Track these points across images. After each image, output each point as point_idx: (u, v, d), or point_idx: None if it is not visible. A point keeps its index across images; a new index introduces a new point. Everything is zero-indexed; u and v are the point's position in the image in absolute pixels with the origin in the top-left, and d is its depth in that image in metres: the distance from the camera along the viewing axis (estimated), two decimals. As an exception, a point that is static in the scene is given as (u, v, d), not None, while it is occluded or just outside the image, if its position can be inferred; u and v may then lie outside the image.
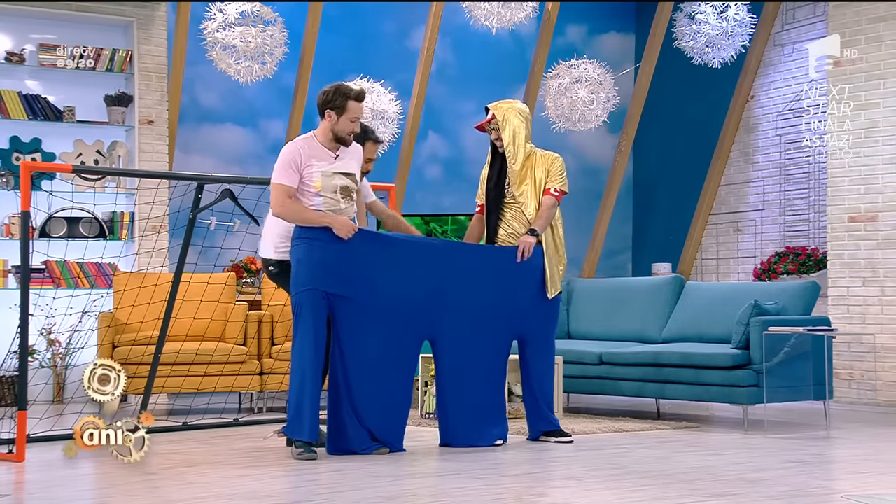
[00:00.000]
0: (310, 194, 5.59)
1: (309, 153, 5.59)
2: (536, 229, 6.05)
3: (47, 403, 8.11)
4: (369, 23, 10.45)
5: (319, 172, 5.58)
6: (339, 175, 5.64)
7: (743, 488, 4.64)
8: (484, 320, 5.94)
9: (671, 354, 7.29)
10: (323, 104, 5.63)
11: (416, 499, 4.36)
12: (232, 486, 4.67)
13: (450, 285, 5.85)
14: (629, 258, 11.74)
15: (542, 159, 6.20)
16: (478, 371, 5.96)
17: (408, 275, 5.73)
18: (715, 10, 9.36)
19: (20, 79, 8.84)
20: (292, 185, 5.58)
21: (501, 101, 6.26)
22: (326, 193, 5.60)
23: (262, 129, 10.02)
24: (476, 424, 5.93)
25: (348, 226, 5.56)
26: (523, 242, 6.02)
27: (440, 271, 5.83)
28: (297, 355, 5.53)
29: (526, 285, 6.06)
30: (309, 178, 5.58)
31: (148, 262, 8.75)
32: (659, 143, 11.48)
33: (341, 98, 5.60)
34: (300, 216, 5.56)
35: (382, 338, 5.68)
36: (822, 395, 7.17)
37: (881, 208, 8.64)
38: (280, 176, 5.58)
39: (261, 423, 7.13)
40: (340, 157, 5.67)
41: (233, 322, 8.03)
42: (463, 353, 5.91)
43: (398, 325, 5.73)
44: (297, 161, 5.57)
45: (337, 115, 5.60)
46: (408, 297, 5.73)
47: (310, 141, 5.66)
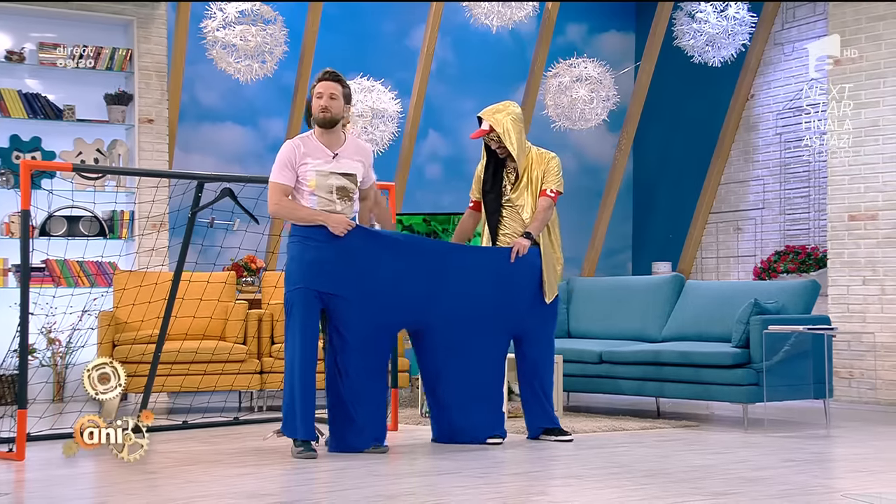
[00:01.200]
0: (305, 193, 5.59)
1: (305, 151, 5.59)
2: (531, 232, 6.04)
3: (47, 402, 8.11)
4: (369, 22, 10.45)
5: (314, 171, 5.58)
6: (335, 175, 5.62)
7: (743, 487, 4.64)
8: (479, 319, 5.93)
9: (671, 353, 7.29)
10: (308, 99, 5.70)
11: (416, 498, 4.36)
12: (232, 485, 4.67)
13: (444, 284, 5.84)
14: (629, 257, 11.73)
15: (539, 158, 6.18)
16: (471, 369, 5.95)
17: (403, 273, 5.73)
18: (715, 8, 9.36)
19: (20, 77, 8.84)
20: (288, 183, 5.58)
21: (492, 107, 6.17)
22: (321, 193, 5.59)
23: (262, 128, 10.01)
24: (468, 422, 5.92)
25: (343, 223, 5.55)
26: (517, 244, 6.02)
27: (435, 270, 5.83)
28: (289, 354, 5.54)
29: (523, 285, 6.05)
30: (304, 177, 5.58)
31: (148, 260, 8.75)
32: (659, 142, 11.48)
33: (313, 85, 5.67)
34: (295, 214, 5.57)
35: (376, 335, 5.68)
36: (823, 394, 7.17)
37: (881, 207, 8.64)
38: (276, 174, 5.60)
39: (261, 421, 7.12)
40: (339, 157, 5.65)
41: (233, 321, 8.03)
42: (456, 351, 5.91)
43: (391, 322, 5.73)
44: (293, 159, 5.57)
45: (313, 100, 5.64)
46: (401, 295, 5.73)
47: (306, 139, 5.66)
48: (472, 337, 5.94)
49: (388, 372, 6.12)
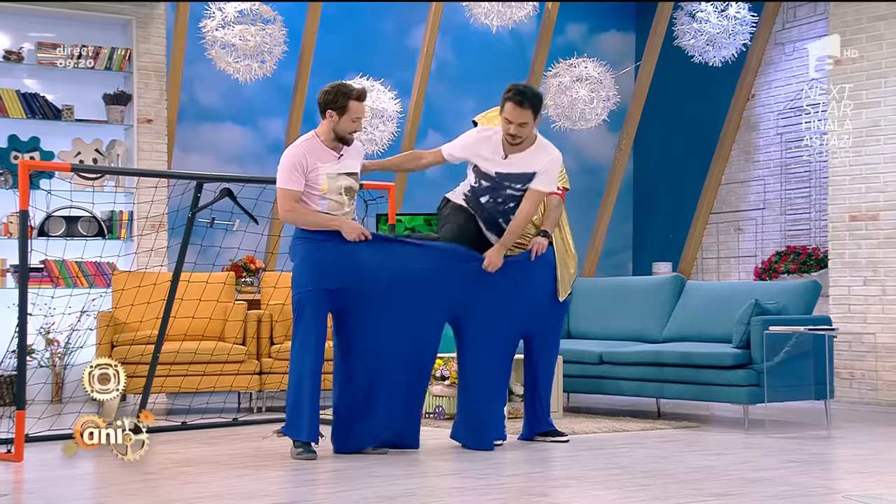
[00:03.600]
0: (315, 197, 5.57)
1: (313, 156, 5.56)
2: (548, 230, 6.05)
3: (46, 403, 8.10)
4: (369, 21, 10.43)
5: (325, 175, 5.56)
6: (343, 175, 5.62)
7: (743, 488, 4.63)
8: (494, 321, 5.90)
9: (671, 354, 7.27)
10: (324, 104, 5.58)
11: (416, 499, 4.35)
12: (231, 486, 4.65)
13: (457, 287, 5.79)
14: (629, 257, 11.72)
15: None
16: (484, 371, 5.93)
17: (417, 275, 5.68)
18: (715, 8, 9.35)
19: (19, 77, 8.82)
20: (298, 189, 5.54)
21: (488, 112, 6.19)
22: (332, 196, 5.58)
23: (261, 128, 10.00)
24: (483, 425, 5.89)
25: (358, 229, 5.54)
26: (536, 243, 6.00)
27: (449, 273, 5.78)
28: (298, 355, 5.51)
29: (538, 285, 6.03)
30: (315, 182, 5.55)
31: (147, 261, 8.73)
32: (659, 142, 11.46)
33: (343, 98, 5.56)
34: (308, 220, 5.54)
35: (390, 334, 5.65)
36: (823, 395, 7.16)
37: (882, 207, 8.62)
38: (285, 180, 5.54)
39: (260, 422, 7.11)
40: (343, 157, 5.65)
41: (232, 321, 8.01)
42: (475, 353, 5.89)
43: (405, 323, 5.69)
44: (303, 164, 5.53)
45: (338, 115, 5.56)
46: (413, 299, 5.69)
47: (312, 142, 5.61)
48: (487, 338, 5.90)
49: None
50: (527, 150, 5.87)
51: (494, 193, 5.90)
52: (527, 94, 5.75)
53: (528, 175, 5.84)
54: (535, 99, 5.76)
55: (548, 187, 5.92)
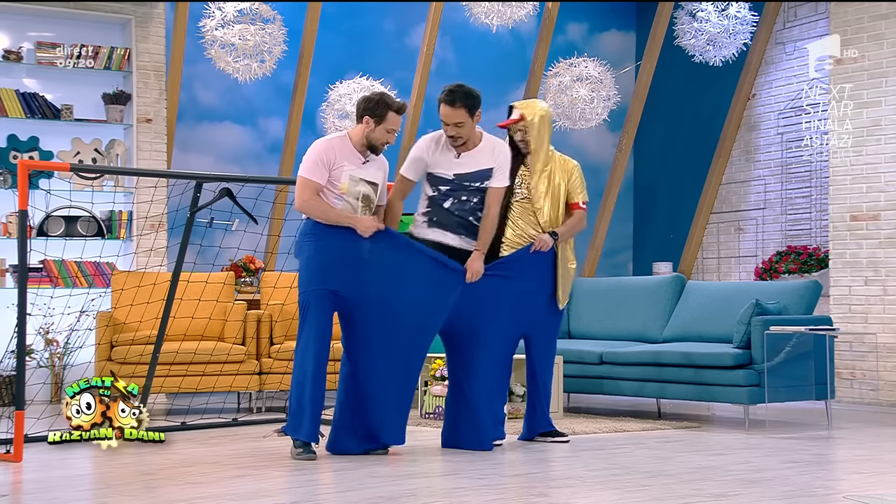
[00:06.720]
0: (332, 196, 5.55)
1: (342, 154, 5.56)
2: (558, 234, 6.06)
3: (45, 403, 8.09)
4: (368, 21, 10.42)
5: (348, 175, 5.55)
6: (363, 182, 5.61)
7: (744, 488, 4.62)
8: (495, 322, 5.89)
9: (672, 354, 7.27)
10: (364, 110, 5.59)
11: (416, 499, 4.34)
12: (231, 486, 4.64)
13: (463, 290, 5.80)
14: (630, 257, 11.71)
15: (561, 165, 6.17)
16: (485, 371, 5.92)
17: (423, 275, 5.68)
18: (716, 7, 9.35)
19: (18, 77, 8.81)
20: (321, 181, 5.53)
21: (528, 101, 6.19)
22: (349, 198, 5.57)
23: (260, 128, 9.99)
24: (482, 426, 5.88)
25: (372, 226, 5.53)
26: (541, 240, 6.00)
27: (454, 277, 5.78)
28: (301, 354, 5.50)
29: (538, 289, 6.03)
30: (336, 179, 5.54)
31: (146, 260, 8.72)
32: (660, 142, 11.45)
33: (383, 107, 5.57)
34: (325, 214, 5.52)
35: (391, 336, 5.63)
36: (824, 395, 7.15)
37: (883, 207, 8.61)
38: (309, 171, 5.53)
39: (259, 422, 7.10)
40: (368, 165, 5.64)
41: (231, 321, 8.00)
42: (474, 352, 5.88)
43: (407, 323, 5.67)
44: (330, 159, 5.53)
45: (375, 123, 5.57)
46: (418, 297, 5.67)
47: (344, 141, 5.61)
48: (489, 339, 5.89)
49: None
50: (475, 148, 5.87)
51: (456, 195, 5.90)
52: (458, 93, 5.75)
53: (485, 171, 5.84)
54: (466, 98, 5.74)
55: (504, 182, 5.92)
